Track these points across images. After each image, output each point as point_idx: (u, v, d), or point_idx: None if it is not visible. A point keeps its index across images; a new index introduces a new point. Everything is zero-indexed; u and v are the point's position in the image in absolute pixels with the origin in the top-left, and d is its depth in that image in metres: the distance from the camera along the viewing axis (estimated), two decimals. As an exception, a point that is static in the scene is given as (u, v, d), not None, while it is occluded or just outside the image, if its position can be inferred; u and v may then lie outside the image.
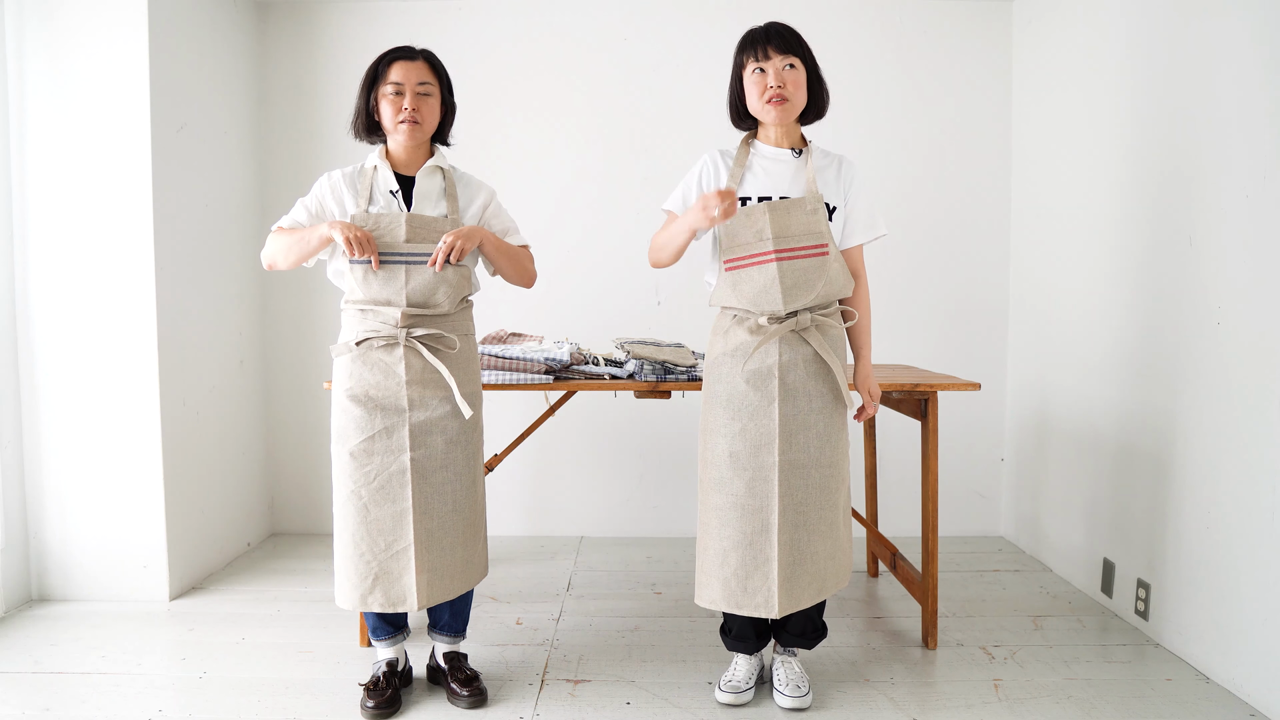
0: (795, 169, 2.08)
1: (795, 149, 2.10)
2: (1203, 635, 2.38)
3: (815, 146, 2.14)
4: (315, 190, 2.14)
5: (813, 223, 2.02)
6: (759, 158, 2.11)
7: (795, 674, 2.19)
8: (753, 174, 2.09)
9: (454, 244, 2.01)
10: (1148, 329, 2.64)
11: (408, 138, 2.07)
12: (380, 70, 2.07)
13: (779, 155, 2.10)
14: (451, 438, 2.10)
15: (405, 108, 2.05)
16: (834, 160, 2.13)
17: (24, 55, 2.81)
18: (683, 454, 3.70)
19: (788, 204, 2.02)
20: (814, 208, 2.03)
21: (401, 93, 2.05)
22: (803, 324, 2.03)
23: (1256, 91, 2.19)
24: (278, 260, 2.13)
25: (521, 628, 2.71)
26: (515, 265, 2.21)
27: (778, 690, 2.17)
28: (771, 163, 2.09)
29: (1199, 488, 2.40)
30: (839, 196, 2.11)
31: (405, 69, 2.06)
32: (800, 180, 2.07)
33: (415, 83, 2.06)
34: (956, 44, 3.64)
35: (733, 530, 2.06)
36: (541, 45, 3.64)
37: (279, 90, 3.66)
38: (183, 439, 3.04)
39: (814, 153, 2.11)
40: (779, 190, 2.06)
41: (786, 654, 2.24)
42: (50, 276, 2.86)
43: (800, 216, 2.02)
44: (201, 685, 2.31)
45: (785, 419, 2.04)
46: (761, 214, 2.01)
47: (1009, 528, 3.71)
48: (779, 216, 2.01)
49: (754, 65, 2.04)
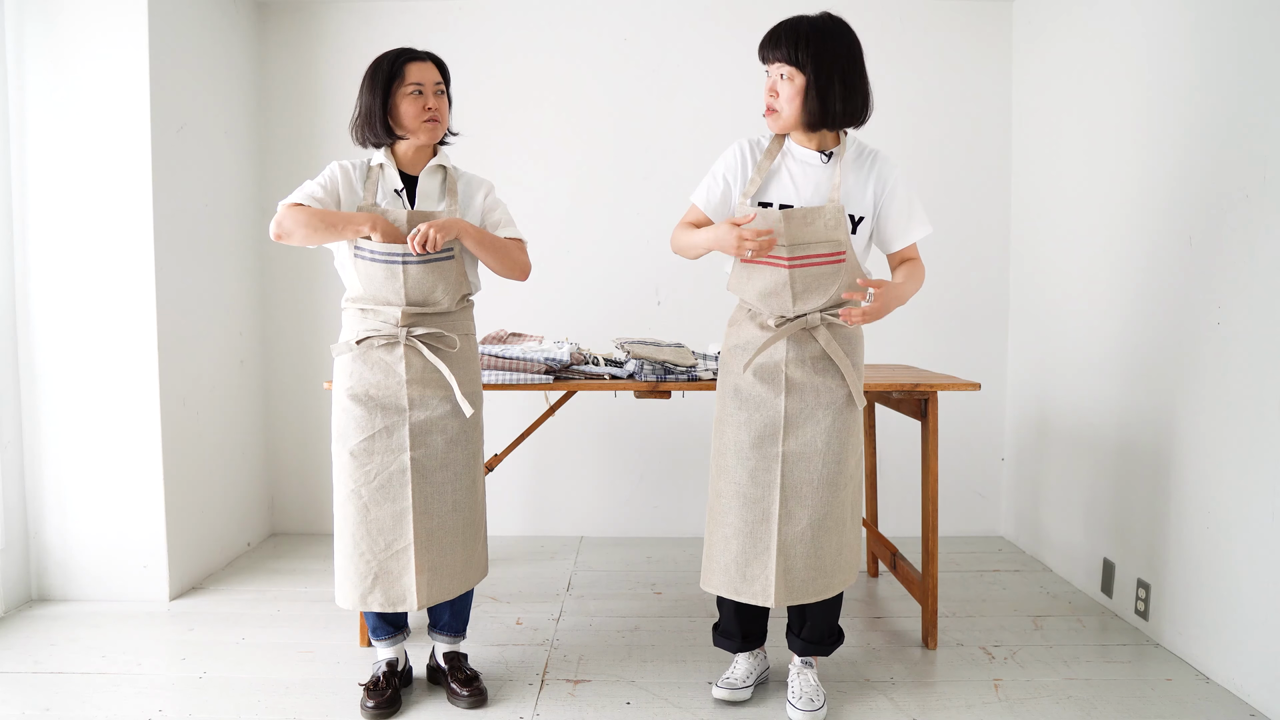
0: (823, 174, 2.00)
1: (825, 152, 2.01)
2: (1203, 635, 2.38)
3: (852, 144, 2.04)
4: (328, 172, 2.10)
5: (831, 231, 1.96)
6: (788, 157, 2.03)
7: (810, 686, 2.16)
8: (778, 178, 2.02)
9: (425, 232, 1.96)
10: (1148, 329, 2.64)
11: (429, 136, 2.07)
12: (397, 70, 2.05)
13: (807, 158, 2.01)
14: (452, 437, 2.10)
15: (429, 107, 2.05)
16: (869, 160, 2.03)
17: (24, 55, 2.81)
18: (683, 454, 3.70)
19: (805, 213, 1.95)
20: (835, 219, 1.95)
21: (423, 92, 2.05)
22: (812, 323, 2.02)
23: (1257, 91, 2.19)
24: (293, 233, 2.00)
25: (521, 628, 2.71)
26: (500, 257, 2.14)
27: (790, 702, 2.15)
28: (798, 165, 2.01)
29: (1199, 488, 2.40)
30: (867, 204, 2.02)
31: (421, 69, 2.06)
32: (826, 187, 2.00)
33: (432, 82, 2.07)
34: (956, 44, 3.64)
35: (735, 518, 2.06)
36: (541, 45, 3.64)
37: (279, 90, 3.66)
38: (183, 439, 3.04)
39: (848, 154, 2.01)
40: (804, 195, 1.99)
41: (804, 664, 2.22)
42: (50, 276, 2.86)
43: (819, 226, 1.96)
44: (201, 685, 2.31)
45: (791, 412, 2.04)
46: (778, 222, 1.95)
47: (1009, 528, 3.71)
48: (796, 226, 1.95)
49: (764, 67, 2.00)
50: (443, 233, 1.99)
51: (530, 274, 2.24)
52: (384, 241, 2.00)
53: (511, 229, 2.21)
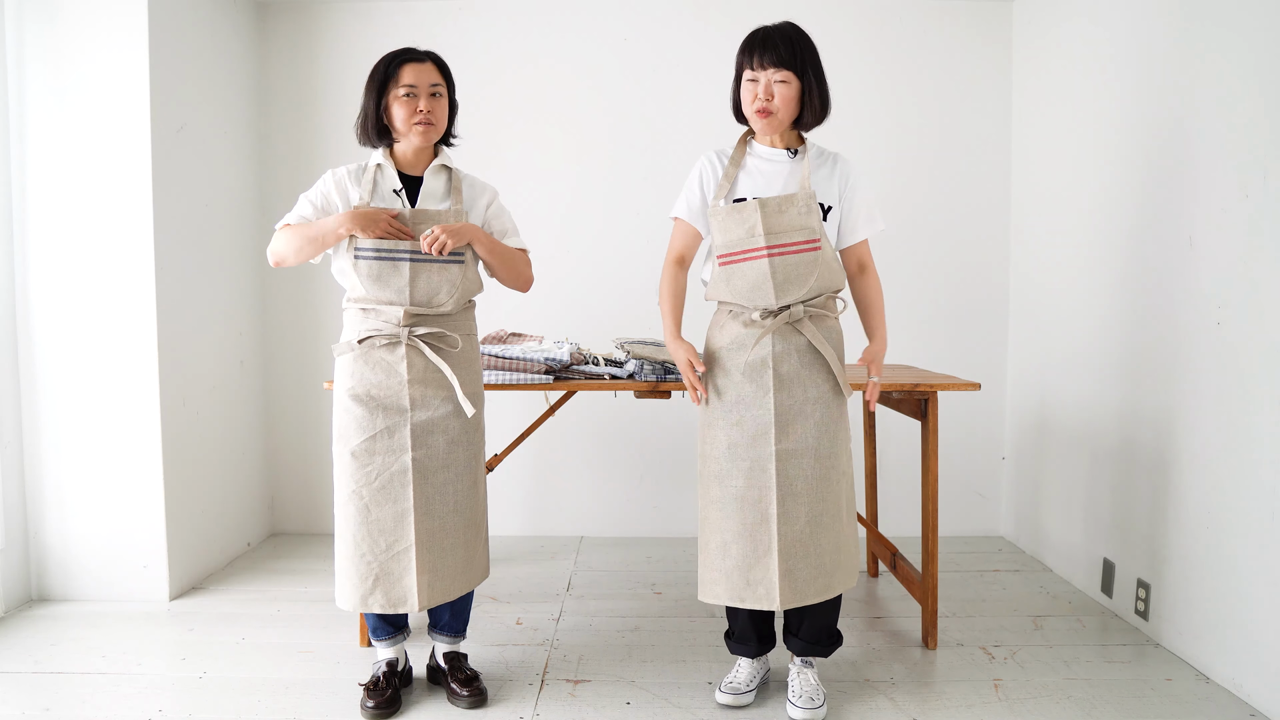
0: (790, 169, 2.09)
1: (791, 149, 2.11)
2: (1203, 635, 2.38)
3: (812, 145, 2.14)
4: (319, 185, 2.12)
5: (805, 219, 2.03)
6: (754, 158, 2.12)
7: (810, 685, 2.16)
8: (748, 174, 2.11)
9: (437, 235, 1.97)
10: (1148, 329, 2.64)
11: (422, 140, 2.07)
12: (391, 72, 2.04)
13: (774, 156, 2.11)
14: (453, 437, 2.10)
15: (420, 110, 2.04)
16: (830, 159, 2.13)
17: (24, 56, 2.81)
18: (683, 454, 3.70)
19: (780, 201, 2.04)
20: (807, 205, 2.04)
21: (415, 95, 2.04)
22: (796, 316, 2.04)
23: (1256, 91, 2.19)
24: (287, 257, 2.07)
25: (521, 628, 2.71)
26: (509, 267, 2.17)
27: (791, 701, 2.15)
28: (766, 163, 2.11)
29: (1199, 488, 2.40)
30: (834, 196, 2.11)
31: (417, 71, 2.05)
32: (795, 179, 2.08)
33: (427, 84, 2.05)
34: (957, 44, 3.64)
35: (733, 522, 2.06)
36: (541, 45, 3.64)
37: (279, 90, 3.66)
38: (183, 439, 3.04)
39: (810, 152, 2.11)
40: (773, 190, 2.07)
41: (804, 664, 2.22)
42: (51, 277, 2.86)
43: (792, 214, 2.03)
44: (201, 685, 2.31)
45: (781, 409, 2.04)
46: (754, 211, 2.03)
47: (1009, 527, 3.71)
48: (771, 214, 2.03)
49: (749, 73, 2.04)
50: (455, 238, 2.00)
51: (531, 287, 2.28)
52: (368, 234, 1.99)
53: (516, 239, 2.22)
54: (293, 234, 2.05)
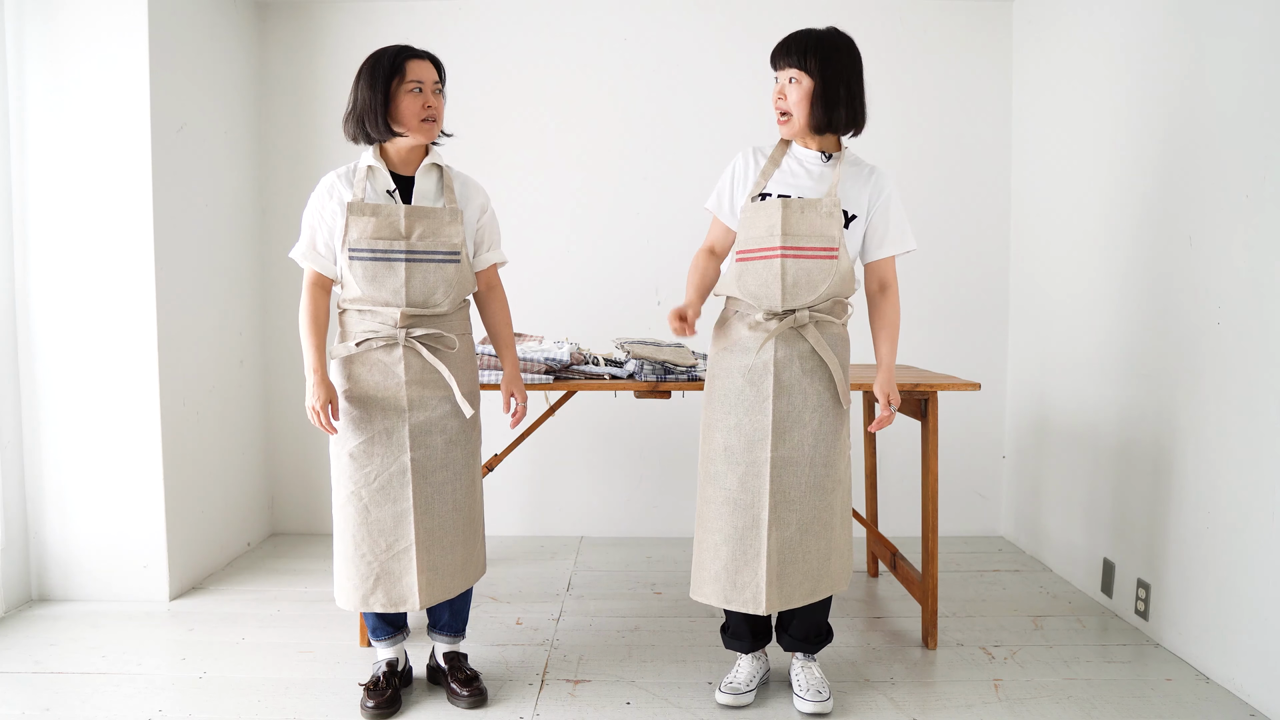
0: (821, 173, 2.08)
1: (826, 153, 2.09)
2: (1203, 635, 2.38)
3: (849, 153, 2.12)
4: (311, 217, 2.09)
5: (826, 225, 2.01)
6: (791, 159, 2.12)
7: (815, 678, 2.18)
8: (782, 173, 2.10)
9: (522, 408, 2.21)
10: (1148, 329, 2.64)
11: (427, 135, 2.07)
12: (399, 66, 2.03)
13: (808, 158, 2.10)
14: (451, 437, 2.10)
15: (428, 105, 2.05)
16: (866, 170, 2.11)
17: (24, 55, 2.81)
18: (683, 454, 3.70)
19: (803, 203, 2.02)
20: (830, 211, 2.02)
21: (423, 90, 2.05)
22: (800, 321, 2.04)
23: (1256, 91, 2.19)
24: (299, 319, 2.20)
25: (521, 628, 2.71)
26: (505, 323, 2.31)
27: (797, 695, 2.16)
28: (799, 164, 2.10)
29: (1199, 488, 2.40)
30: (862, 206, 2.09)
31: (421, 68, 2.05)
32: (824, 184, 2.06)
33: (431, 81, 2.06)
34: (957, 44, 3.64)
35: (725, 524, 2.07)
36: (541, 46, 3.64)
37: (279, 90, 3.66)
38: (183, 439, 3.04)
39: (845, 160, 2.09)
40: (801, 191, 2.06)
41: (807, 659, 2.23)
42: (51, 276, 2.86)
43: (813, 217, 2.02)
44: (201, 685, 2.31)
45: (779, 415, 2.04)
46: (775, 210, 2.02)
47: (1009, 527, 3.71)
48: (792, 214, 2.01)
49: (774, 74, 2.08)
50: (521, 395, 2.22)
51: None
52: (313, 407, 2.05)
53: (496, 252, 2.23)
54: (304, 325, 2.14)
